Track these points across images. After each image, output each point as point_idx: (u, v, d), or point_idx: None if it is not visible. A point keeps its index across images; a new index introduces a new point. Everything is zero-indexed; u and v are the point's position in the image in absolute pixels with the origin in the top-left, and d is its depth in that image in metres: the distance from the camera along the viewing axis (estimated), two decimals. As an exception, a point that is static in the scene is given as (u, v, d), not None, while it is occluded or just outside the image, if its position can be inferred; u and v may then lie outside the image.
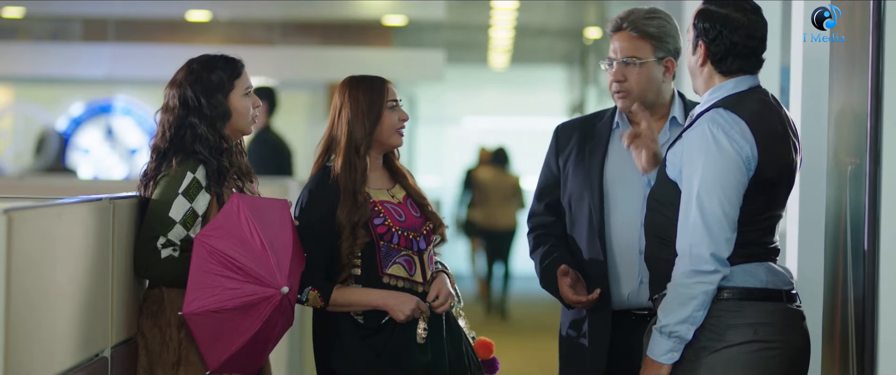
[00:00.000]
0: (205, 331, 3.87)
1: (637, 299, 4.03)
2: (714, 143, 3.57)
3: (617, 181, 4.08)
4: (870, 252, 3.92)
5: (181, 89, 4.02)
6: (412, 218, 4.16)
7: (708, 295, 3.56)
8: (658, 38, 4.04)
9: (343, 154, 4.12)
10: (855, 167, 4.07)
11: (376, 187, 4.17)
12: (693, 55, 3.74)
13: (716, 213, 3.55)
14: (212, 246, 3.85)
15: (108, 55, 14.99)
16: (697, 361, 3.58)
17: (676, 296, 3.57)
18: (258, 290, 3.85)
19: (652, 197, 3.79)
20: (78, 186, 7.51)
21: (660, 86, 4.06)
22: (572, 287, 4.07)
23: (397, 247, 4.11)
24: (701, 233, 3.54)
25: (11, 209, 3.08)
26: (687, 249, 3.56)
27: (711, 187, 3.55)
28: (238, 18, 15.23)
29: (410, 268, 4.12)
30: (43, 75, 15.38)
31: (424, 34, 16.44)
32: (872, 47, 3.94)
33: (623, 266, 4.05)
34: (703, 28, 3.69)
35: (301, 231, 4.07)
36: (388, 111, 4.14)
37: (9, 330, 3.08)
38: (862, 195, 3.98)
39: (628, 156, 4.01)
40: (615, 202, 4.07)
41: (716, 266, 3.55)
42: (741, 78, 3.70)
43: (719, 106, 3.64)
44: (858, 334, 3.98)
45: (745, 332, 3.58)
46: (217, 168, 3.99)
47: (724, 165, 3.56)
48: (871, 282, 3.92)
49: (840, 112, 4.26)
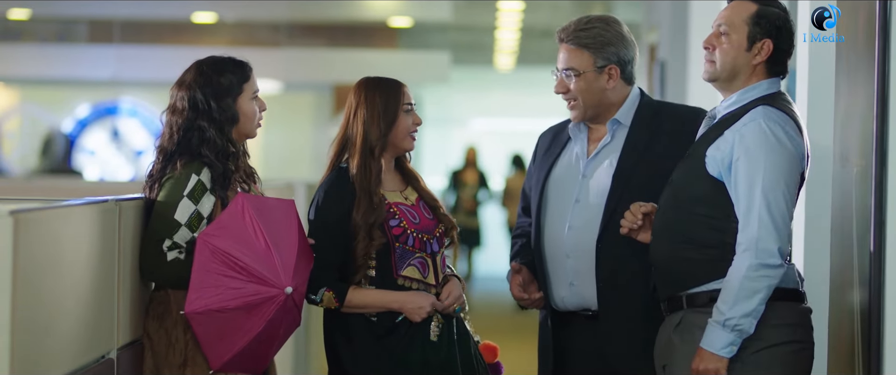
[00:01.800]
0: (207, 330, 3.87)
1: (572, 301, 4.09)
2: (775, 139, 3.61)
3: (555, 188, 4.16)
4: (876, 253, 3.92)
5: (191, 91, 4.01)
6: (426, 220, 4.17)
7: (771, 288, 3.59)
8: (596, 48, 4.07)
9: (358, 155, 4.11)
10: (861, 169, 4.07)
11: (389, 189, 4.18)
12: (747, 51, 3.73)
13: (781, 208, 3.60)
14: (214, 245, 3.84)
15: (113, 57, 15.02)
16: (738, 360, 3.61)
17: (742, 289, 3.58)
18: (261, 290, 3.85)
19: (675, 196, 3.78)
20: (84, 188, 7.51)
21: (603, 94, 4.09)
22: (522, 285, 4.17)
23: (412, 249, 4.12)
24: (768, 227, 3.57)
25: (18, 210, 3.08)
26: (753, 244, 3.58)
27: (776, 182, 3.59)
28: (244, 20, 15.25)
29: (424, 270, 4.13)
30: (49, 77, 15.42)
31: (430, 36, 16.46)
32: (878, 48, 3.93)
33: (554, 269, 4.12)
34: (773, 27, 3.71)
35: (316, 231, 4.08)
36: (404, 114, 4.15)
37: (15, 332, 3.08)
38: (868, 196, 3.97)
39: (571, 165, 4.13)
40: (551, 208, 4.14)
41: (781, 260, 3.59)
42: (773, 79, 3.76)
43: (763, 104, 3.67)
44: (865, 335, 3.97)
45: (785, 332, 3.63)
46: (223, 171, 3.98)
47: (787, 161, 3.61)
48: (877, 284, 3.91)
49: (846, 113, 4.25)
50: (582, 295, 4.06)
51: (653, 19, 11.25)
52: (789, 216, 3.62)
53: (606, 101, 4.09)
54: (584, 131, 4.16)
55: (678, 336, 3.72)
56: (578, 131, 4.16)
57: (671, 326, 3.76)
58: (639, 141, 4.06)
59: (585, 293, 4.04)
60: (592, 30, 4.08)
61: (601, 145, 4.11)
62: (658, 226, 3.81)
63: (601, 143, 4.11)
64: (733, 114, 3.71)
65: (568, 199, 4.10)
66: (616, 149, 4.08)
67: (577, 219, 4.06)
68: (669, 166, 3.83)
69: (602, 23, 4.10)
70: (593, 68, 4.07)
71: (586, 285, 4.04)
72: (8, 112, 15.98)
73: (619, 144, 4.08)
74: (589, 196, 4.06)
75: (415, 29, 15.78)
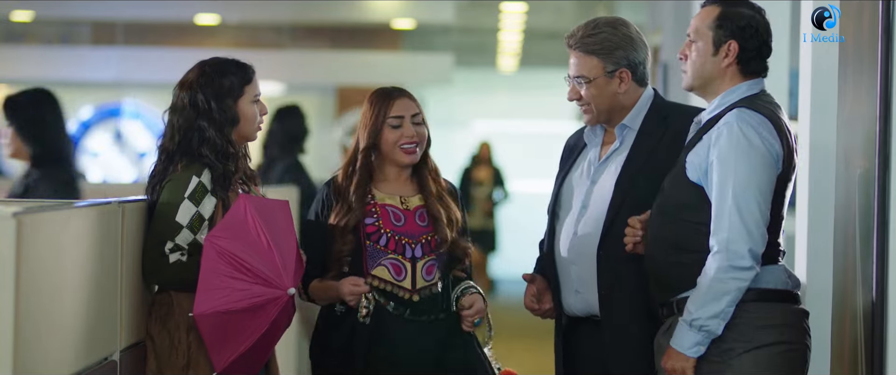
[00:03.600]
0: (214, 332, 3.87)
1: (579, 307, 4.08)
2: (746, 141, 3.59)
3: (568, 193, 4.14)
4: (879, 255, 3.92)
5: (192, 91, 4.02)
6: (414, 226, 4.18)
7: (740, 291, 3.58)
8: (604, 53, 4.02)
9: (347, 160, 4.24)
10: (864, 170, 4.07)
11: (389, 192, 4.21)
12: (713, 56, 3.73)
13: (752, 210, 3.57)
14: (221, 247, 3.85)
15: (116, 58, 15.03)
16: (725, 362, 3.60)
17: (710, 291, 3.58)
18: (266, 291, 3.86)
19: (662, 207, 3.77)
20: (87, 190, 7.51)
21: (615, 98, 4.04)
22: (536, 295, 4.18)
23: (384, 249, 4.15)
24: (739, 230, 3.56)
25: (21, 212, 3.08)
26: (724, 245, 3.57)
27: (747, 184, 3.57)
28: (247, 22, 15.25)
29: (398, 273, 4.14)
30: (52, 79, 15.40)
31: (433, 38, 16.46)
32: (881, 49, 3.93)
33: (563, 275, 4.10)
34: (737, 27, 3.69)
35: (300, 231, 4.19)
36: (389, 128, 4.18)
37: (18, 334, 3.08)
38: (871, 198, 3.97)
39: (583, 170, 4.10)
40: (563, 214, 4.13)
41: (752, 262, 3.57)
42: (754, 81, 3.73)
43: (739, 106, 3.65)
44: (867, 337, 3.97)
45: (773, 333, 3.61)
46: (223, 172, 3.99)
47: (759, 163, 3.59)
48: (880, 286, 3.91)
49: (849, 114, 4.25)
50: (587, 302, 4.04)
51: (656, 21, 11.25)
52: (762, 218, 3.58)
53: (619, 105, 4.05)
54: (600, 135, 4.13)
55: (667, 340, 3.72)
56: (594, 135, 4.14)
57: (663, 330, 3.76)
58: (644, 146, 4.02)
59: (590, 299, 4.02)
60: (600, 35, 4.03)
61: (611, 150, 4.07)
62: (650, 233, 3.81)
63: (611, 148, 4.08)
64: (713, 119, 3.71)
65: (577, 205, 4.09)
66: (623, 155, 4.05)
67: (582, 226, 4.04)
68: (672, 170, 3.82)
69: (609, 27, 4.04)
70: (603, 74, 4.02)
71: (590, 291, 4.01)
72: (11, 114, 15.98)
73: (626, 149, 4.05)
74: (595, 202, 4.04)
75: (418, 31, 15.78)
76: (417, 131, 4.20)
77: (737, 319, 3.60)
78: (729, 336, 3.60)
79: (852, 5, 4.20)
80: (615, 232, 3.93)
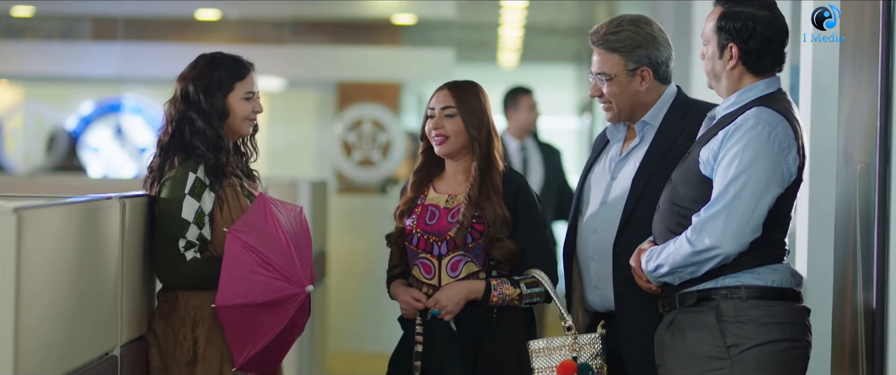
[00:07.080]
0: (234, 325, 3.91)
1: (598, 303, 4.09)
2: (762, 140, 3.60)
3: (589, 189, 4.15)
4: (880, 252, 3.92)
5: (185, 83, 4.09)
6: (444, 223, 4.16)
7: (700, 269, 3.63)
8: (626, 51, 4.03)
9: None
10: (864, 167, 4.07)
11: (442, 191, 4.23)
12: (719, 59, 3.73)
13: (749, 208, 3.57)
14: (244, 241, 3.90)
15: (117, 54, 15.02)
16: (729, 359, 3.61)
17: (681, 259, 3.64)
18: (286, 287, 3.91)
19: (671, 200, 3.77)
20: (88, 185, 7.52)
21: (636, 96, 4.06)
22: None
23: (416, 249, 4.16)
24: (723, 223, 3.57)
25: (21, 208, 3.09)
26: (700, 226, 3.60)
27: (753, 181, 3.58)
28: (247, 17, 15.24)
29: (428, 272, 4.15)
30: (52, 74, 15.41)
31: (434, 33, 16.45)
32: (882, 47, 3.93)
33: (584, 271, 4.11)
34: (734, 29, 3.69)
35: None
36: (427, 120, 4.22)
37: (18, 329, 3.08)
38: (872, 195, 3.97)
39: (605, 166, 4.12)
40: (584, 210, 4.14)
41: (716, 255, 3.59)
42: (771, 79, 3.74)
43: (759, 105, 3.66)
44: (868, 334, 3.98)
45: (777, 331, 3.62)
46: (215, 163, 4.01)
47: (770, 164, 3.59)
48: (881, 282, 3.92)
49: (850, 111, 4.25)
50: (606, 298, 4.05)
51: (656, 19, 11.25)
52: (754, 219, 3.59)
53: (640, 103, 4.06)
54: (623, 131, 4.14)
55: (669, 336, 3.73)
56: (617, 132, 4.15)
57: (664, 326, 3.77)
58: (663, 142, 4.02)
59: (608, 295, 4.03)
60: (622, 32, 4.04)
61: (631, 147, 4.09)
62: (657, 227, 3.81)
63: (631, 145, 4.09)
64: (730, 115, 3.71)
65: (596, 201, 4.10)
66: (642, 151, 4.06)
67: (601, 222, 4.06)
68: None
69: (632, 25, 4.05)
70: (625, 71, 4.03)
71: (608, 287, 4.02)
72: (12, 109, 15.96)
73: (646, 146, 4.06)
74: (614, 198, 4.05)
75: (418, 26, 15.75)
76: (445, 123, 4.18)
77: (741, 316, 3.61)
78: (732, 333, 3.61)
79: (852, 5, 4.20)
80: (631, 228, 3.94)
